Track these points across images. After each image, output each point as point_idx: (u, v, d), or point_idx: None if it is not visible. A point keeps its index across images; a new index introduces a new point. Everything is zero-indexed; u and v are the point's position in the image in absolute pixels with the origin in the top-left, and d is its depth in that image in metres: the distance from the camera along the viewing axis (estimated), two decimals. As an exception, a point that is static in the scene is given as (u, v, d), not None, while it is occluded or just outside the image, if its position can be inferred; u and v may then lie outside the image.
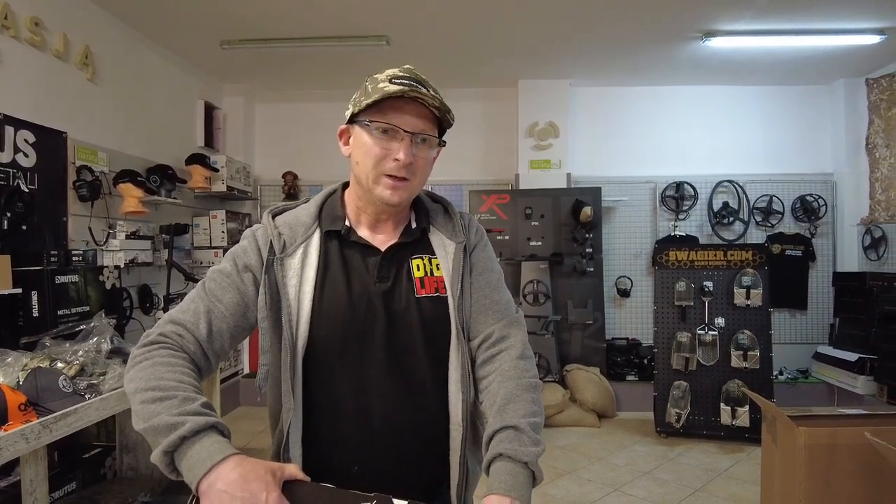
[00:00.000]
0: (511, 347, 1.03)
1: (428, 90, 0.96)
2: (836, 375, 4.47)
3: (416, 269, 1.04)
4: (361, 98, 0.98)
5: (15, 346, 2.27)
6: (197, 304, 0.98)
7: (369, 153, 0.97)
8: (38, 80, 2.98)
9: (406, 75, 0.97)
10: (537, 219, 4.81)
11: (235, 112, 5.13)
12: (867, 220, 4.77)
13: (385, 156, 0.97)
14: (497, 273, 1.11)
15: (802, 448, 2.08)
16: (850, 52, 4.25)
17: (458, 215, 1.12)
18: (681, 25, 3.83)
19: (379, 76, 0.98)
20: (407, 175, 0.98)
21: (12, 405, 1.67)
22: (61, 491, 2.50)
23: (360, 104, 0.97)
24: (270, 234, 1.03)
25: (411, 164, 0.97)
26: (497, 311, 1.06)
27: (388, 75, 0.97)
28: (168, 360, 0.90)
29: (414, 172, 0.99)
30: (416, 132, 0.97)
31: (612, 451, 3.86)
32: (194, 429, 0.80)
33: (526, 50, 4.31)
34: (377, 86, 0.96)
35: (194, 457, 0.79)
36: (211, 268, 1.05)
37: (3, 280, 2.40)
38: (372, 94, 0.95)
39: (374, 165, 0.97)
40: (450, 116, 1.00)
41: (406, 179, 0.98)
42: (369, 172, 0.99)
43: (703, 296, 4.11)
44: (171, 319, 0.96)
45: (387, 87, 0.94)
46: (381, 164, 0.97)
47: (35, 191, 2.87)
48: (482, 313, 1.06)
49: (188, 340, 0.94)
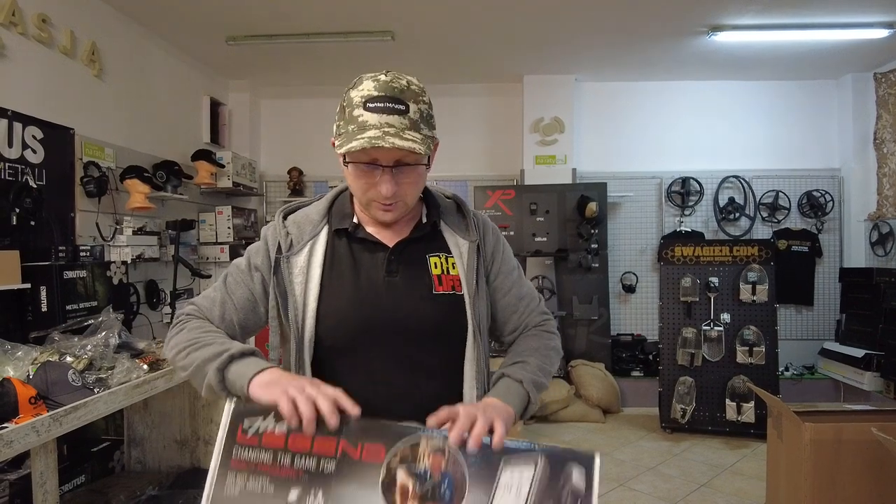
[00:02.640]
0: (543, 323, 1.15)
1: (406, 106, 0.93)
2: (842, 371, 4.46)
3: (434, 266, 1.05)
4: (339, 124, 0.97)
5: (24, 340, 2.29)
6: (215, 294, 1.07)
7: (356, 184, 0.99)
8: (46, 76, 2.99)
9: (381, 96, 0.92)
10: (542, 214, 4.81)
11: (241, 108, 5.14)
12: (874, 216, 4.74)
13: (370, 187, 0.98)
14: (518, 268, 1.17)
15: (808, 444, 2.08)
16: (857, 46, 4.22)
17: (472, 214, 1.13)
18: (687, 20, 3.81)
19: (355, 97, 0.94)
20: (395, 200, 0.98)
21: (23, 398, 1.69)
22: (70, 484, 2.53)
23: (337, 141, 0.96)
24: (279, 233, 1.06)
25: (397, 192, 0.97)
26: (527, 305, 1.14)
27: (364, 97, 0.93)
28: (199, 324, 1.01)
29: (403, 196, 0.99)
30: (395, 164, 0.95)
31: (617, 446, 3.87)
32: (241, 350, 0.91)
33: (531, 45, 4.29)
34: (351, 114, 0.94)
35: (244, 367, 0.88)
36: (235, 259, 1.11)
37: (12, 275, 2.42)
38: (345, 137, 0.93)
39: (363, 194, 1.00)
40: (426, 129, 0.97)
41: (397, 202, 0.99)
42: (360, 198, 1.01)
43: (708, 291, 4.10)
44: (191, 302, 1.07)
45: (360, 117, 0.92)
46: (367, 193, 0.99)
47: (43, 187, 2.88)
48: (514, 312, 1.13)
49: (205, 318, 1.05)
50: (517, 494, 0.73)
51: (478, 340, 1.03)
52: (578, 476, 0.74)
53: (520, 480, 0.74)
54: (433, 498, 0.73)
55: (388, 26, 3.92)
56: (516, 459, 0.76)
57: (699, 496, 3.11)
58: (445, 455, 0.76)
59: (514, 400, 0.95)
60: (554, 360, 1.08)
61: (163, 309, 3.85)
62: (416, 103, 0.95)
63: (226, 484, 0.75)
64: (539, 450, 0.76)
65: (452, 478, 0.75)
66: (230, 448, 0.77)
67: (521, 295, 1.13)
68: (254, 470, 0.75)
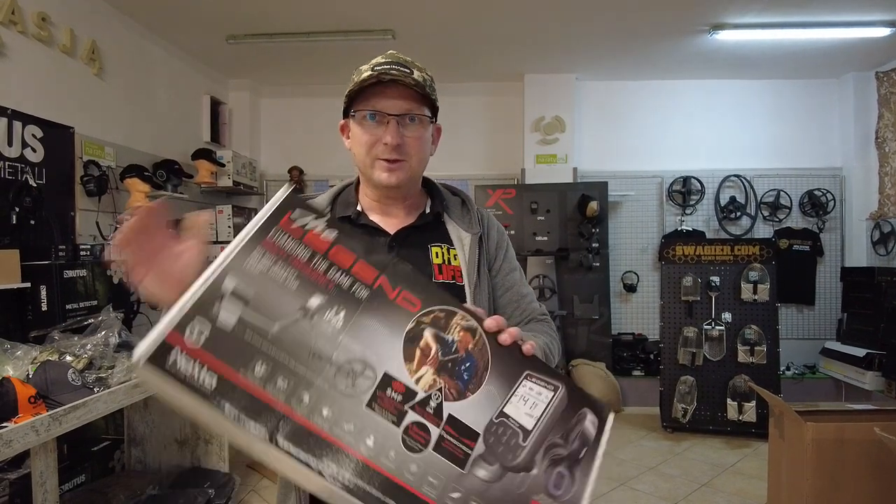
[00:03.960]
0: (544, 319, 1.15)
1: (410, 70, 0.97)
2: (843, 371, 4.45)
3: (435, 256, 1.05)
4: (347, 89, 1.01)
5: (24, 339, 2.29)
6: None
7: (361, 142, 1.00)
8: (46, 75, 2.99)
9: (387, 60, 0.98)
10: (543, 213, 4.80)
11: (241, 107, 5.13)
12: (876, 215, 4.73)
13: (375, 142, 0.98)
14: (519, 270, 1.18)
15: (810, 443, 2.07)
16: (859, 45, 4.21)
17: (476, 209, 1.14)
18: (688, 18, 3.80)
19: (363, 67, 1.00)
20: (400, 156, 0.98)
21: (22, 398, 1.68)
22: (70, 483, 2.53)
23: (346, 96, 1.00)
24: None
25: (401, 145, 0.98)
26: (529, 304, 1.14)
27: (371, 64, 0.99)
28: None
29: (408, 153, 0.99)
30: (402, 113, 0.97)
31: (618, 445, 3.86)
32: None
33: (532, 44, 4.28)
34: (359, 76, 0.98)
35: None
36: None
37: (11, 274, 2.41)
38: (352, 86, 0.98)
39: (367, 152, 0.99)
40: (431, 92, 1.00)
41: (400, 160, 0.99)
42: (364, 159, 1.01)
43: (709, 291, 4.09)
44: None
45: (365, 74, 0.97)
46: (372, 150, 0.99)
47: (43, 186, 2.88)
48: (517, 308, 1.13)
49: None
50: (530, 410, 0.71)
51: None
52: (591, 423, 0.73)
53: (536, 399, 0.72)
54: (450, 372, 0.69)
55: (388, 25, 3.91)
56: (538, 379, 0.73)
57: (700, 496, 3.10)
58: (475, 337, 0.73)
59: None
60: (555, 351, 1.07)
61: (162, 308, 3.84)
62: (420, 72, 0.99)
63: (250, 257, 0.66)
64: (562, 378, 0.75)
65: (475, 362, 0.71)
66: (269, 227, 0.69)
67: (522, 293, 1.14)
68: (285, 259, 0.68)
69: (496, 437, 0.68)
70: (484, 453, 0.67)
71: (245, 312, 0.63)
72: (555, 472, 0.68)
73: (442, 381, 0.68)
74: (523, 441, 0.69)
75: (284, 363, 0.62)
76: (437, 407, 0.67)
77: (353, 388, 0.64)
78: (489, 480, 0.65)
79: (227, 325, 0.62)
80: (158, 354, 0.58)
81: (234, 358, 0.60)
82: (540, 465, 0.68)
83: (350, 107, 1.01)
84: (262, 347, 0.62)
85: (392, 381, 0.66)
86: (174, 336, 0.60)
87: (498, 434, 0.68)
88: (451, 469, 0.65)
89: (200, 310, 0.62)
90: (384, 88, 0.96)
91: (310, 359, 0.64)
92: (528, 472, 0.67)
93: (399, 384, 0.66)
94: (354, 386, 0.64)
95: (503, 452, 0.67)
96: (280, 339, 0.63)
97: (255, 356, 0.62)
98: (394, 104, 0.97)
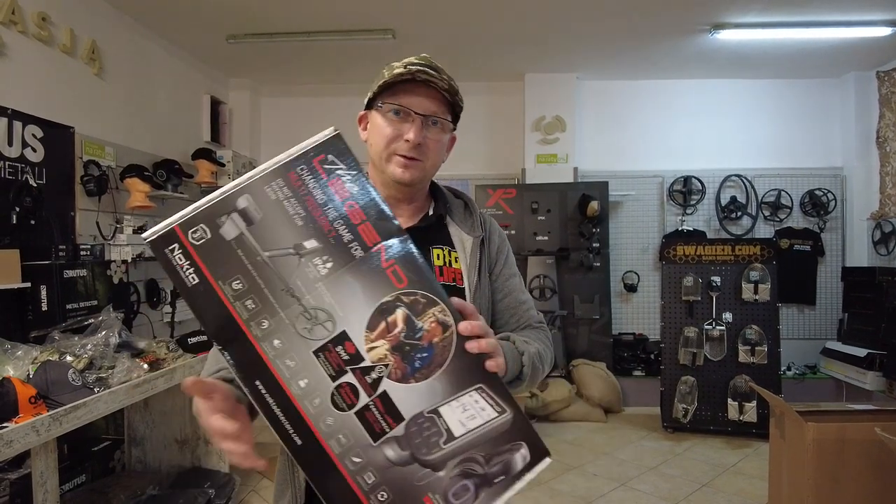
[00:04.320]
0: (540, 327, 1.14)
1: (441, 75, 0.99)
2: (844, 371, 4.44)
3: (437, 258, 1.05)
4: (377, 82, 1.02)
5: (24, 339, 2.29)
6: None
7: (382, 134, 1.00)
8: (46, 74, 2.99)
9: (420, 62, 0.99)
10: (544, 213, 4.80)
11: (241, 107, 5.13)
12: (877, 215, 4.73)
13: (396, 137, 0.99)
14: (519, 276, 1.17)
15: (811, 443, 2.07)
16: (860, 44, 4.20)
17: (479, 213, 1.14)
18: (689, 18, 3.80)
19: (396, 63, 1.01)
20: (417, 155, 0.99)
21: (23, 398, 1.68)
22: (71, 483, 2.53)
23: (375, 87, 1.01)
24: None
25: (421, 145, 0.99)
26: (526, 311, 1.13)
27: (404, 62, 0.99)
28: None
29: (425, 154, 1.00)
30: (428, 114, 0.99)
31: (618, 446, 3.86)
32: None
33: (532, 43, 4.28)
34: (392, 71, 0.99)
35: None
36: None
37: (12, 274, 2.41)
38: (385, 78, 0.99)
39: (386, 146, 1.00)
40: (458, 99, 1.02)
41: (417, 160, 1.00)
42: (381, 152, 1.01)
43: (710, 291, 4.08)
44: None
45: (399, 70, 0.97)
46: (392, 144, 0.99)
47: (43, 185, 2.88)
48: (513, 315, 1.12)
49: None
50: (465, 420, 0.71)
51: None
52: (521, 457, 0.72)
53: (477, 412, 0.72)
54: (404, 355, 0.70)
55: (388, 24, 3.91)
56: (488, 396, 0.73)
57: (701, 496, 3.10)
58: (444, 333, 0.73)
59: (510, 362, 0.91)
60: (548, 360, 1.06)
61: (163, 308, 3.85)
62: (449, 79, 1.01)
63: (272, 184, 0.69)
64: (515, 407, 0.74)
65: (432, 355, 0.72)
66: (301, 161, 0.71)
67: (520, 300, 1.13)
68: (302, 195, 0.69)
69: (419, 428, 0.69)
70: (400, 437, 0.68)
71: (247, 230, 0.67)
72: (461, 482, 0.68)
73: (392, 360, 0.69)
74: (444, 443, 0.69)
75: (260, 287, 0.66)
76: (376, 379, 0.69)
77: (310, 332, 0.67)
78: (393, 462, 0.67)
79: (227, 237, 0.67)
80: (162, 239, 0.65)
81: (219, 267, 0.66)
82: (449, 470, 0.69)
83: (376, 99, 1.01)
84: (247, 266, 0.66)
85: (345, 341, 0.68)
86: (179, 231, 0.65)
87: (422, 427, 0.69)
88: (363, 436, 0.67)
89: (209, 216, 0.66)
90: (415, 87, 0.98)
91: (282, 292, 0.67)
92: (434, 472, 0.68)
93: (351, 345, 0.69)
94: (311, 331, 0.67)
95: (419, 444, 0.68)
96: (264, 266, 0.67)
97: (237, 272, 0.66)
98: (421, 103, 0.98)
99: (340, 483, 0.65)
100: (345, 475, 0.65)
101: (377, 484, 0.66)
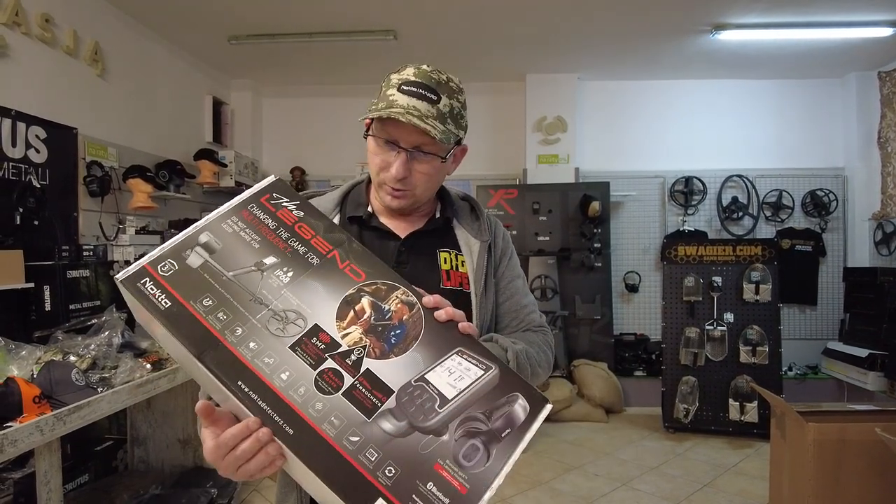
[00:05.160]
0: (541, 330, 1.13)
1: (438, 97, 0.94)
2: (845, 371, 4.44)
3: (444, 261, 1.05)
4: (373, 101, 0.98)
5: (28, 339, 2.30)
6: None
7: (373, 161, 0.99)
8: (49, 76, 3.00)
9: (417, 81, 0.94)
10: (545, 214, 4.80)
11: (243, 107, 5.14)
12: (879, 215, 4.72)
13: (385, 167, 0.97)
14: (522, 278, 1.16)
15: (811, 444, 2.07)
16: (861, 45, 4.20)
17: (485, 215, 1.14)
18: (690, 18, 3.80)
19: (394, 78, 0.96)
20: (404, 187, 0.98)
21: (27, 398, 1.69)
22: (74, 483, 2.54)
23: (370, 108, 0.97)
24: None
25: (407, 179, 0.96)
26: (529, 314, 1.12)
27: (400, 80, 0.95)
28: None
29: (413, 185, 0.98)
30: (413, 148, 0.95)
31: (619, 446, 3.86)
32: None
33: (534, 44, 4.28)
34: (385, 93, 0.95)
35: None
36: None
37: (15, 274, 2.43)
38: (377, 104, 0.95)
39: (377, 174, 1.00)
40: (451, 125, 0.96)
41: (405, 190, 0.98)
42: (374, 178, 1.02)
43: (711, 291, 4.09)
44: None
45: (392, 96, 0.93)
46: (381, 173, 0.99)
47: (46, 186, 2.89)
48: (514, 318, 1.11)
49: None
50: (454, 382, 0.72)
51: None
52: (522, 407, 0.72)
53: (463, 373, 0.73)
54: (378, 335, 0.74)
55: (390, 25, 3.91)
56: (469, 356, 0.76)
57: (702, 496, 3.10)
58: (412, 310, 0.78)
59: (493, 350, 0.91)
60: (544, 362, 1.04)
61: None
62: (449, 98, 0.96)
63: (227, 222, 0.80)
64: (499, 363, 0.76)
65: (406, 330, 0.76)
66: (250, 202, 0.83)
67: (522, 304, 1.12)
68: (255, 225, 0.80)
69: (410, 397, 0.70)
70: (394, 409, 0.69)
71: (209, 259, 0.75)
72: (468, 443, 0.68)
73: (368, 341, 0.73)
74: (439, 407, 0.70)
75: (229, 301, 0.72)
76: (356, 360, 0.71)
77: (283, 331, 0.71)
78: (393, 434, 0.67)
79: (193, 265, 0.74)
80: (134, 276, 0.72)
81: (188, 290, 0.72)
82: (452, 433, 0.68)
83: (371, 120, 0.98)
84: (214, 286, 0.73)
85: (319, 332, 0.72)
86: (150, 268, 0.73)
87: (413, 395, 0.70)
88: (355, 415, 0.67)
89: (173, 254, 0.74)
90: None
91: (251, 302, 0.73)
92: (437, 437, 0.68)
93: (325, 335, 0.72)
94: (284, 330, 0.72)
95: (414, 412, 0.69)
96: (230, 283, 0.74)
97: (205, 291, 0.72)
98: (409, 137, 0.94)
99: (343, 467, 0.64)
100: (345, 457, 0.65)
101: (381, 460, 0.65)
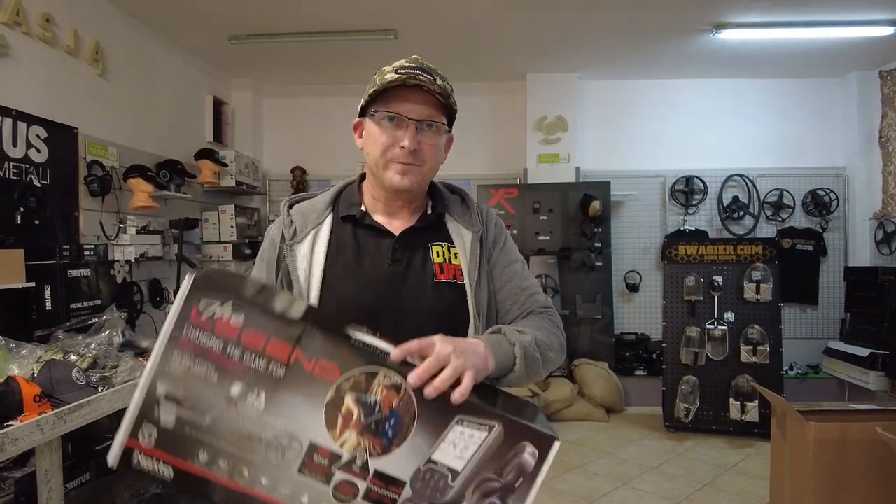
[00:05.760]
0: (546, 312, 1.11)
1: (434, 77, 0.99)
2: (846, 371, 4.44)
3: (436, 255, 1.06)
4: (369, 90, 1.01)
5: (29, 338, 2.29)
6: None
7: (377, 142, 1.00)
8: (50, 75, 3.00)
9: (411, 65, 0.99)
10: (546, 213, 4.80)
11: (244, 107, 5.14)
12: (880, 215, 4.72)
13: (392, 144, 0.99)
14: (521, 262, 1.16)
15: (812, 443, 2.07)
16: (862, 44, 4.19)
17: (476, 206, 1.14)
18: (691, 18, 3.80)
19: (386, 68, 1.01)
20: (415, 161, 1.00)
21: (27, 397, 1.69)
22: (75, 482, 2.53)
23: (367, 95, 1.01)
24: (283, 223, 1.08)
25: (417, 151, 0.99)
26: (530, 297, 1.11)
27: (395, 66, 0.99)
28: None
29: (422, 158, 1.01)
30: (422, 119, 0.98)
31: (620, 445, 3.86)
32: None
33: (534, 43, 4.28)
34: (383, 77, 0.99)
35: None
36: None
37: (16, 274, 2.43)
38: (376, 86, 0.99)
39: (382, 153, 1.00)
40: (452, 102, 1.02)
41: (415, 164, 1.00)
42: (378, 160, 1.01)
43: (712, 290, 4.08)
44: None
45: (390, 76, 0.97)
46: (388, 151, 1.00)
47: (47, 186, 2.89)
48: (515, 303, 1.10)
49: None
50: (460, 453, 0.72)
51: (479, 330, 1.03)
52: (530, 454, 0.72)
53: (468, 441, 0.73)
54: (375, 432, 0.72)
55: (391, 25, 3.91)
56: (470, 422, 0.74)
57: (703, 496, 3.10)
58: (399, 393, 0.74)
59: (499, 355, 0.91)
60: (556, 345, 1.03)
61: (166, 308, 3.86)
62: (442, 80, 1.01)
63: (171, 360, 0.72)
64: (500, 416, 0.74)
65: (400, 418, 0.73)
66: (181, 326, 0.73)
67: (522, 287, 1.11)
68: (201, 354, 0.72)
69: (423, 482, 0.72)
70: (412, 497, 0.71)
71: (180, 411, 0.72)
72: (486, 501, 0.71)
73: (366, 442, 0.72)
74: (452, 481, 0.72)
75: (222, 448, 0.72)
76: (362, 465, 0.72)
77: (283, 459, 0.72)
78: None
79: (169, 425, 0.72)
80: (124, 459, 0.72)
81: (180, 451, 0.72)
82: (470, 498, 0.71)
83: (369, 106, 1.01)
84: (200, 438, 0.72)
85: (317, 449, 0.72)
86: (132, 441, 0.72)
87: (425, 479, 0.72)
88: None
89: (146, 415, 0.72)
90: (407, 92, 0.97)
91: (241, 440, 0.72)
92: None
93: (324, 450, 0.72)
94: (284, 457, 0.72)
95: (431, 494, 0.71)
96: (213, 429, 0.72)
97: (196, 446, 0.72)
98: (415, 109, 0.98)
99: None
100: None
101: None
